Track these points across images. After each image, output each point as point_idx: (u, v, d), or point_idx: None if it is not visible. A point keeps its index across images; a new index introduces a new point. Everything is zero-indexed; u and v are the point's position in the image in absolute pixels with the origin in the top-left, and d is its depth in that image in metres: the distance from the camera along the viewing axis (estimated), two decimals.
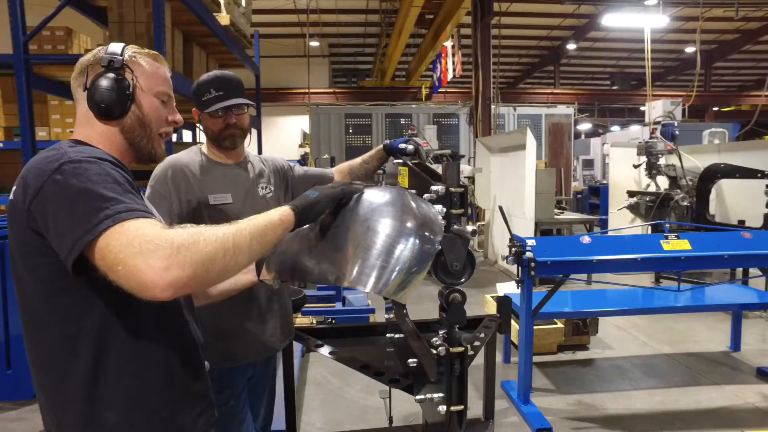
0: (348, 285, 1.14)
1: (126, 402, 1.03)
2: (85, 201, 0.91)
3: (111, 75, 1.09)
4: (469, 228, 1.31)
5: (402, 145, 2.04)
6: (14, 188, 1.01)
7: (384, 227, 1.16)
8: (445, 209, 1.34)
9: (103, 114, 1.09)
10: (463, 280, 1.37)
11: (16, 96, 3.96)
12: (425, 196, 1.44)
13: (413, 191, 1.48)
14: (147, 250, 0.85)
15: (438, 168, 1.72)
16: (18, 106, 3.94)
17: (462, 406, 1.38)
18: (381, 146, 2.14)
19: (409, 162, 1.89)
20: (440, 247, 1.25)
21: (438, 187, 1.37)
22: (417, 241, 1.15)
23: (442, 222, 1.30)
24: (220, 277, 0.95)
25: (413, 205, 1.27)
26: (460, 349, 1.38)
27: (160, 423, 1.07)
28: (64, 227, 0.91)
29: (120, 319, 1.02)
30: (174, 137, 8.19)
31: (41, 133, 6.43)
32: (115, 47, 1.13)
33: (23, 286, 1.03)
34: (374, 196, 1.27)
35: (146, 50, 1.19)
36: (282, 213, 1.10)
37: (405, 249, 1.13)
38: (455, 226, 1.34)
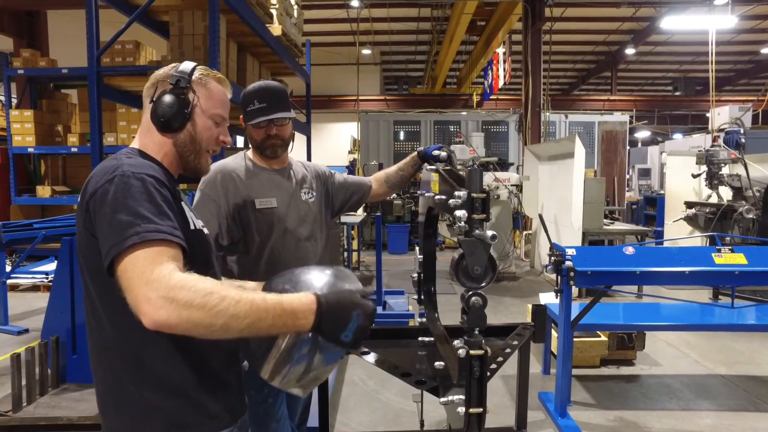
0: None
1: (166, 386, 1.13)
2: (122, 214, 1.04)
3: (175, 93, 1.21)
4: (489, 233, 1.33)
5: (435, 152, 2.08)
6: (81, 191, 1.15)
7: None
8: (467, 214, 1.37)
9: (162, 126, 1.22)
10: (483, 284, 1.39)
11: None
12: (450, 201, 1.47)
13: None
14: (149, 281, 0.95)
15: None
16: (89, 114, 4.30)
17: (481, 409, 1.40)
18: (415, 153, 2.19)
19: (440, 168, 1.93)
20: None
21: (461, 193, 1.40)
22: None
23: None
24: (203, 337, 0.99)
25: None
26: (480, 351, 1.40)
27: (195, 407, 1.16)
28: (104, 234, 1.05)
29: None
30: None
31: (110, 139, 6.95)
32: (186, 66, 1.24)
33: (84, 277, 1.16)
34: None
35: (214, 72, 1.29)
36: (306, 316, 1.04)
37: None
38: (477, 231, 1.37)
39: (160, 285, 0.95)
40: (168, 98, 1.20)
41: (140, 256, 0.99)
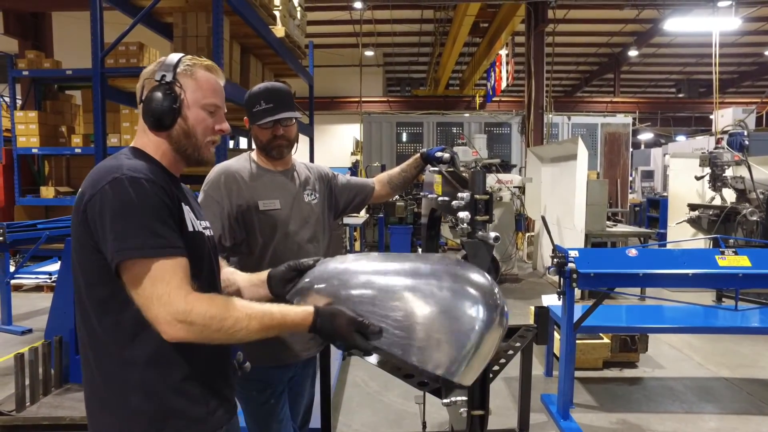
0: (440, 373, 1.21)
1: (154, 389, 1.12)
2: (123, 220, 1.05)
3: (160, 90, 1.16)
4: (492, 234, 1.33)
5: (438, 154, 2.08)
6: (80, 190, 1.14)
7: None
8: (470, 216, 1.38)
9: (153, 126, 1.19)
10: None
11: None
12: (453, 203, 1.47)
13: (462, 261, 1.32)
14: (167, 303, 1.03)
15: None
16: (93, 115, 4.32)
17: (483, 411, 1.40)
18: (418, 155, 2.19)
19: (443, 170, 1.94)
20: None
21: (464, 195, 1.40)
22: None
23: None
24: (219, 343, 1.12)
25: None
26: None
27: (182, 410, 1.14)
28: (106, 237, 1.06)
29: None
30: (231, 143, 8.60)
31: (113, 140, 6.97)
32: (171, 59, 1.21)
33: (76, 276, 1.15)
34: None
35: (202, 60, 1.25)
36: (304, 318, 1.17)
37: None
38: (480, 233, 1.37)
39: (177, 309, 1.03)
40: (154, 96, 1.16)
41: (154, 273, 1.03)
